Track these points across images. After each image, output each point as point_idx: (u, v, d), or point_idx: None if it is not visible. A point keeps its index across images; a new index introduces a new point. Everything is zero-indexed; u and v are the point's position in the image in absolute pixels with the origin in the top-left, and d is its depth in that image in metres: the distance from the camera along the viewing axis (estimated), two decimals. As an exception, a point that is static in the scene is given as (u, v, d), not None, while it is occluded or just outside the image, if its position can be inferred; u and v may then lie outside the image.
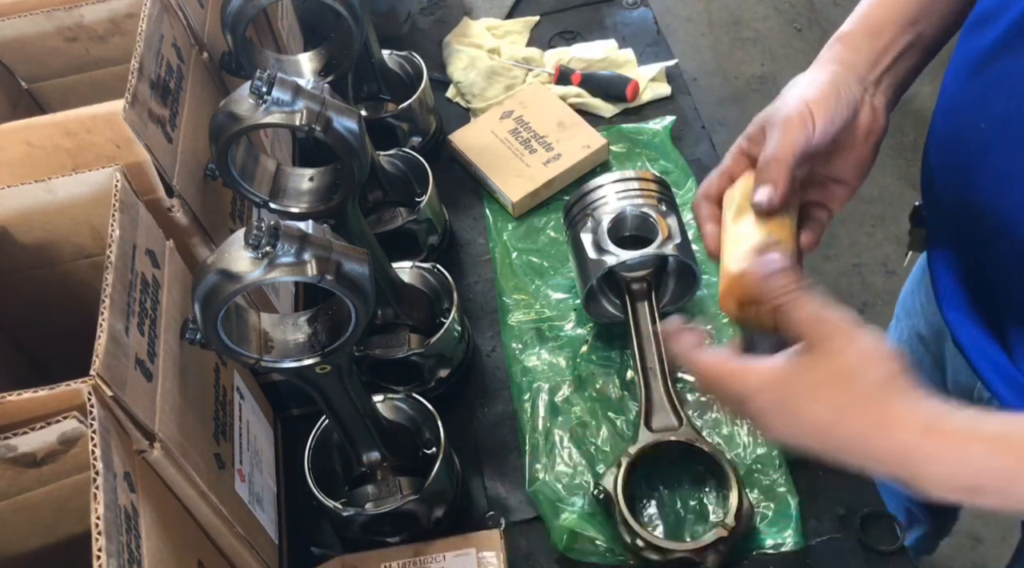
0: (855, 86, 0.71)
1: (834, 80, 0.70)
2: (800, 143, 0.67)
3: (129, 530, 0.53)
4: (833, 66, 0.72)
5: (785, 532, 0.83)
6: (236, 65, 0.91)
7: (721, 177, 0.73)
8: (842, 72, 0.71)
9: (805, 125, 0.67)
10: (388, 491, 0.83)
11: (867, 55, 0.73)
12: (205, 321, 0.63)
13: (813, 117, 0.68)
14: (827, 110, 0.68)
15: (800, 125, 0.67)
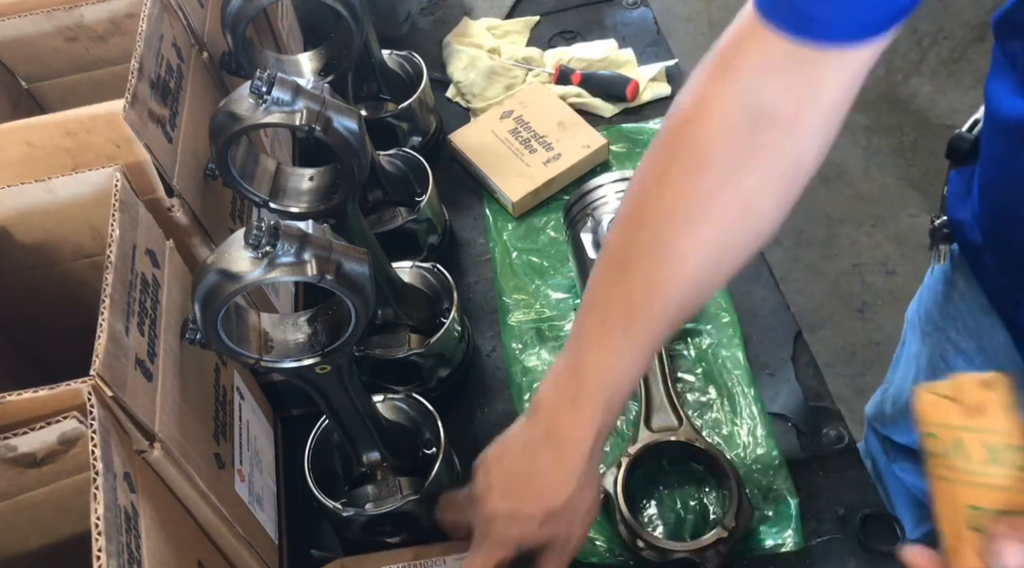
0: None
1: (588, 472, 0.71)
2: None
3: (129, 530, 0.53)
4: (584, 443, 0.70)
5: (785, 532, 0.83)
6: (236, 65, 0.91)
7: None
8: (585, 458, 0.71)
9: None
10: (388, 491, 0.83)
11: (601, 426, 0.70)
12: (205, 321, 0.63)
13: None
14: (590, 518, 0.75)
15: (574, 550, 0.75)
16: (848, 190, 2.43)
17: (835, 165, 2.48)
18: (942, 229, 0.91)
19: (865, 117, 2.58)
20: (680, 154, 0.62)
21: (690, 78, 0.63)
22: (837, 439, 0.89)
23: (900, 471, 1.14)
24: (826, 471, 0.87)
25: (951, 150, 0.89)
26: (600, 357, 0.67)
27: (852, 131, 2.56)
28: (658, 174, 0.64)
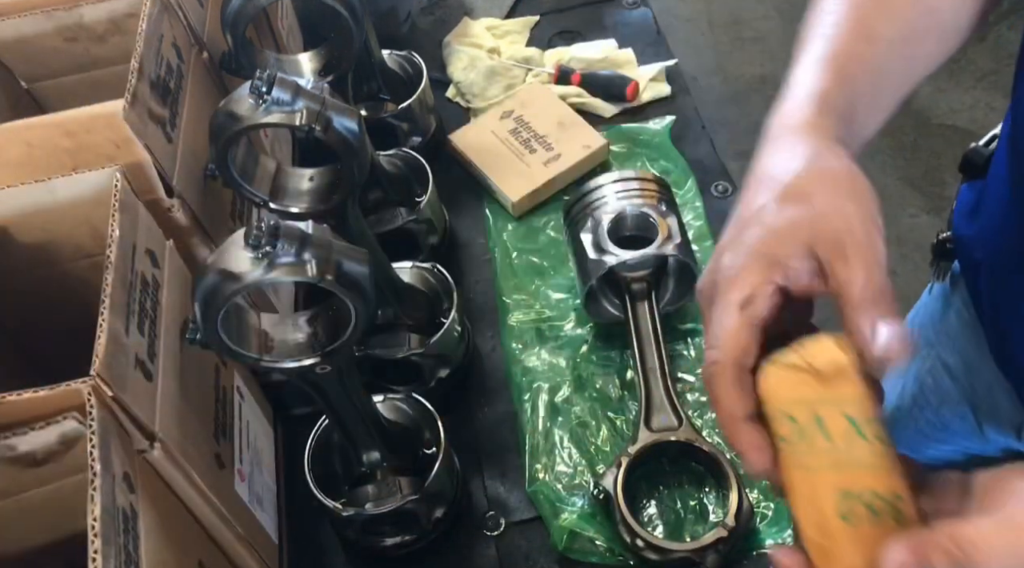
0: (841, 149, 0.55)
1: (854, 168, 0.52)
2: (883, 270, 0.48)
3: (127, 531, 0.54)
4: (832, 143, 0.54)
5: (785, 532, 0.83)
6: (236, 65, 0.91)
7: (751, 331, 0.49)
8: (845, 151, 0.54)
9: (879, 242, 0.49)
10: (388, 491, 0.83)
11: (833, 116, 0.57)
12: (205, 321, 0.63)
13: (879, 226, 0.50)
14: (877, 209, 0.51)
15: (878, 242, 0.49)
16: (848, 190, 2.42)
17: (835, 165, 2.48)
18: (945, 244, 0.85)
19: (865, 117, 2.58)
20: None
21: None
22: (837, 439, 0.89)
23: None
24: (826, 471, 0.87)
25: (965, 164, 0.83)
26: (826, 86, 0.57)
27: (852, 131, 2.56)
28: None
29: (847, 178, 0.51)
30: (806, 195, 0.50)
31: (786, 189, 0.51)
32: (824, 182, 0.51)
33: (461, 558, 0.87)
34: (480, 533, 0.88)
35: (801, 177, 0.51)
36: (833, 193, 0.50)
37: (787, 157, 0.53)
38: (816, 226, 0.49)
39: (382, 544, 0.85)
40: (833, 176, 0.51)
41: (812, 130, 0.54)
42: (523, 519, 0.88)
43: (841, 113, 0.56)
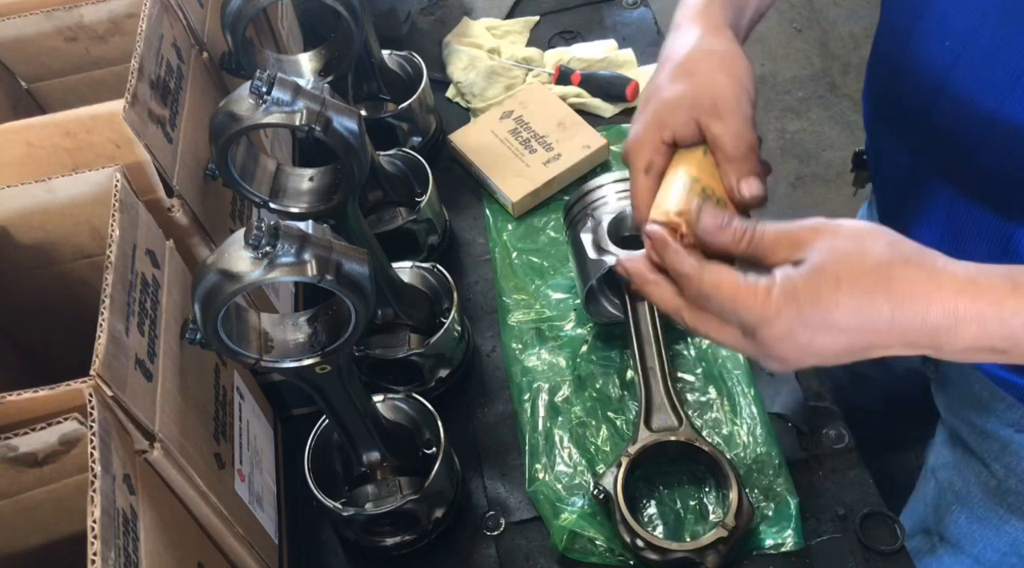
0: (730, 34, 0.70)
1: (732, 46, 0.68)
2: (751, 127, 0.65)
3: (127, 533, 0.53)
4: (717, 28, 0.69)
5: (785, 532, 0.83)
6: (236, 65, 0.91)
7: (655, 184, 0.66)
8: (728, 33, 0.69)
9: (747, 105, 0.65)
10: (388, 491, 0.83)
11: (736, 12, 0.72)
12: (205, 321, 0.63)
13: (748, 93, 0.65)
14: (748, 79, 0.66)
15: (746, 106, 0.65)
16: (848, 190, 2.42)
17: (835, 165, 2.48)
18: (861, 156, 0.91)
19: (865, 117, 2.59)
20: None
21: None
22: (837, 439, 0.89)
23: None
24: (826, 471, 0.87)
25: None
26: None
27: (852, 131, 2.56)
28: None
29: (726, 56, 0.66)
30: (690, 72, 0.65)
31: (676, 68, 0.65)
32: (706, 60, 0.65)
33: (461, 558, 0.87)
34: (480, 533, 0.88)
35: (688, 57, 0.66)
36: (712, 69, 0.65)
37: (681, 42, 0.67)
38: (696, 95, 0.64)
39: (382, 544, 0.85)
40: (714, 55, 0.66)
41: (703, 17, 0.68)
42: (523, 519, 0.88)
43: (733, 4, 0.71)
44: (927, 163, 0.76)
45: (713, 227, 0.58)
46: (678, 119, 0.64)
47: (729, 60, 0.66)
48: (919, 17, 0.70)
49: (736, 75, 0.65)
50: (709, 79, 0.64)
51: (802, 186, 2.44)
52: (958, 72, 0.67)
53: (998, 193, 0.69)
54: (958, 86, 0.67)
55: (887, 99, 0.81)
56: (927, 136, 0.74)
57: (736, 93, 0.64)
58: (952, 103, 0.68)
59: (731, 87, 0.64)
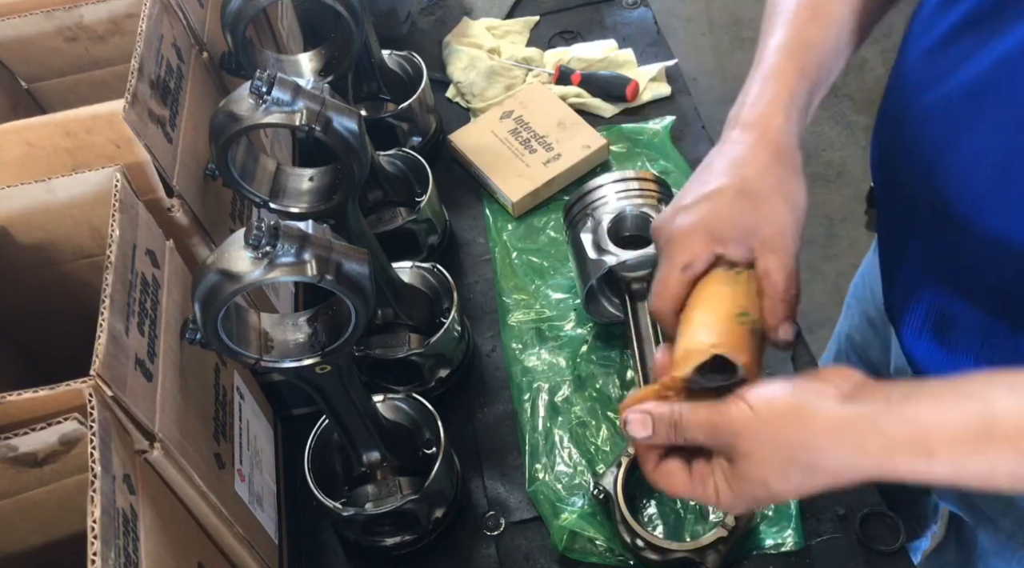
0: (797, 161, 0.67)
1: (797, 178, 0.66)
2: (797, 264, 0.65)
3: (127, 533, 0.54)
4: (789, 151, 0.67)
5: (785, 532, 0.83)
6: (236, 65, 0.91)
7: (687, 286, 0.64)
8: (798, 159, 0.67)
9: (799, 242, 0.64)
10: (388, 491, 0.83)
11: (797, 121, 0.68)
12: (205, 321, 0.63)
13: (801, 230, 0.65)
14: (804, 215, 0.66)
15: (798, 243, 0.64)
16: (848, 190, 2.43)
17: (835, 165, 2.48)
18: (872, 192, 0.91)
19: (865, 117, 2.58)
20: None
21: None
22: (837, 439, 0.89)
23: None
24: (826, 471, 0.87)
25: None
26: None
27: (852, 131, 2.56)
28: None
29: (792, 188, 0.65)
30: (756, 197, 0.63)
31: (745, 185, 0.64)
32: (773, 189, 0.64)
33: (461, 558, 0.87)
34: (480, 533, 0.88)
35: (760, 179, 0.64)
36: (778, 201, 0.64)
37: (757, 154, 0.65)
38: (758, 223, 0.63)
39: (382, 544, 0.85)
40: (782, 186, 0.65)
41: (783, 135, 0.67)
42: (523, 519, 0.88)
43: (802, 106, 0.69)
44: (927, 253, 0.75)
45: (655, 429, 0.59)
46: (734, 237, 0.62)
47: (794, 194, 0.65)
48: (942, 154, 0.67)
49: (796, 211, 0.65)
50: (773, 209, 0.63)
51: (802, 186, 2.45)
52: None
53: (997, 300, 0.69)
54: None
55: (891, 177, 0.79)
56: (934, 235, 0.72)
57: (794, 231, 0.64)
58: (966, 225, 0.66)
59: (791, 223, 0.64)
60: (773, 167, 0.65)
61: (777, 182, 0.64)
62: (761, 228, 0.63)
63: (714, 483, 0.57)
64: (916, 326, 0.77)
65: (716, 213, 0.63)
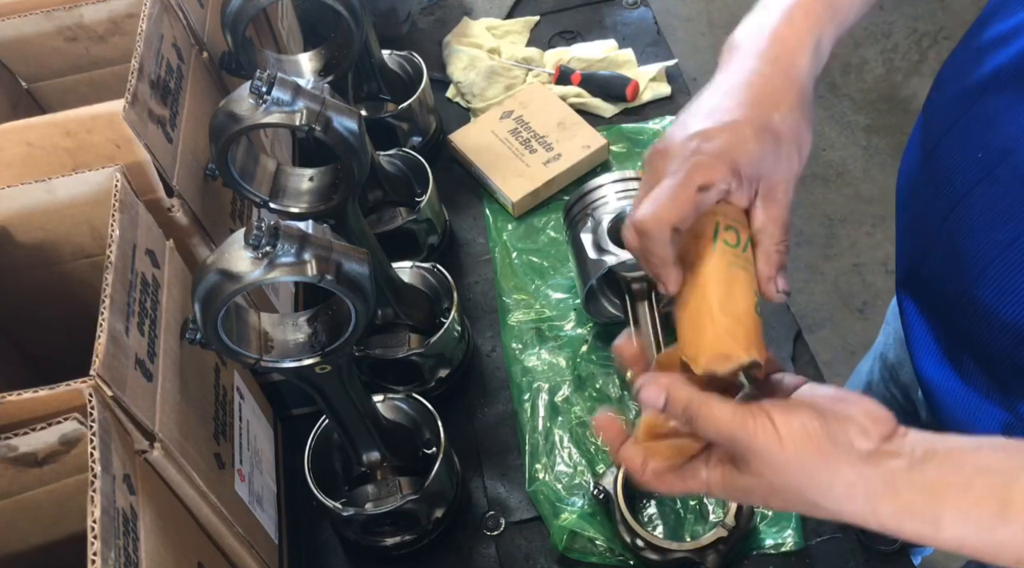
0: (812, 107, 0.62)
1: (807, 124, 0.60)
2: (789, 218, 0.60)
3: (127, 533, 0.53)
4: (805, 92, 0.62)
5: (785, 532, 0.83)
6: (236, 65, 0.91)
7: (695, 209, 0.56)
8: (810, 98, 0.62)
9: (792, 194, 0.60)
10: (388, 491, 0.83)
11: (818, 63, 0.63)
12: (205, 321, 0.63)
13: (798, 179, 0.60)
14: (805, 162, 0.60)
15: (791, 196, 0.59)
16: (848, 190, 2.43)
17: (835, 165, 2.48)
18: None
19: (865, 117, 2.59)
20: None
21: None
22: (837, 439, 0.89)
23: None
24: (826, 471, 0.87)
25: None
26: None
27: (852, 131, 2.56)
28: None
29: (806, 142, 0.60)
30: (780, 140, 0.58)
31: (770, 124, 0.58)
32: (795, 137, 0.59)
33: (461, 558, 0.87)
34: (480, 533, 0.88)
35: (783, 123, 0.59)
36: (794, 149, 0.59)
37: (782, 94, 0.60)
38: (772, 169, 0.58)
39: (382, 544, 0.85)
40: (801, 135, 0.60)
41: (806, 78, 0.62)
42: (523, 519, 0.88)
43: (827, 48, 0.64)
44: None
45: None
46: (749, 175, 0.57)
47: (806, 144, 0.60)
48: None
49: (803, 161, 0.60)
50: (788, 156, 0.59)
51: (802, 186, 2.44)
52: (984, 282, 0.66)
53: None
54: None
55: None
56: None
57: (795, 182, 0.60)
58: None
59: (796, 173, 0.60)
60: (796, 111, 0.60)
61: (797, 128, 0.59)
62: (772, 173, 0.58)
63: (706, 476, 0.56)
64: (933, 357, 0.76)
65: (740, 145, 0.57)
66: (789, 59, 0.62)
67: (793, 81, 0.61)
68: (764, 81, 0.60)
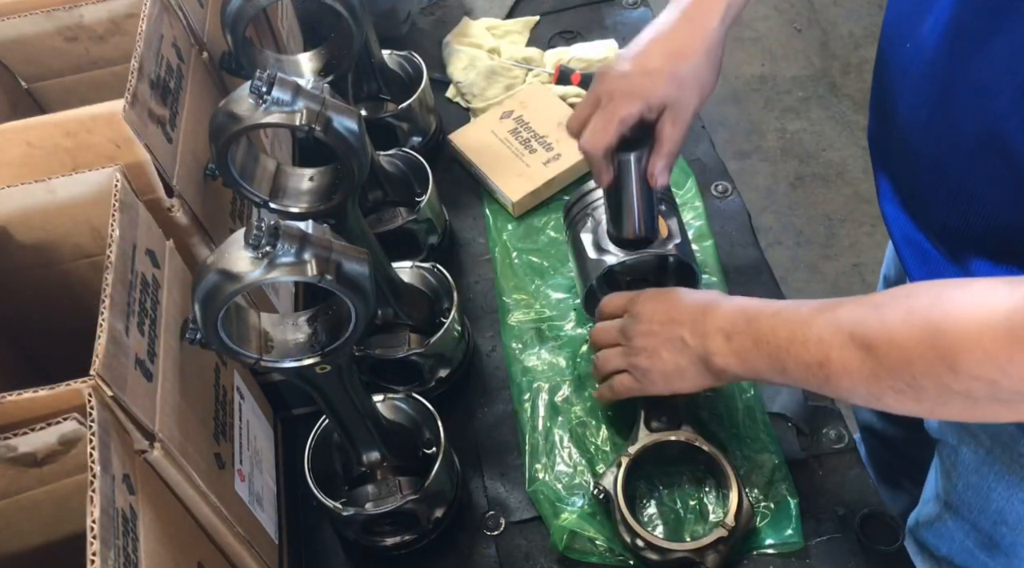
0: (720, 55, 0.85)
1: (712, 60, 0.83)
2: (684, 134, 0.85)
3: (126, 533, 0.53)
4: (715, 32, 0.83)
5: (785, 532, 0.83)
6: (236, 65, 0.91)
7: (617, 136, 0.83)
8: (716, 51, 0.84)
9: (692, 118, 0.84)
10: (388, 491, 0.83)
11: (730, 17, 0.84)
12: (205, 321, 0.63)
13: (699, 107, 0.84)
14: (707, 96, 0.84)
15: (690, 119, 0.84)
16: (848, 190, 2.43)
17: (835, 165, 2.48)
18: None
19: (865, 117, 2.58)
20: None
21: None
22: (837, 439, 0.89)
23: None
24: (826, 471, 0.87)
25: None
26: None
27: (852, 131, 2.56)
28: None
29: (708, 84, 0.84)
30: (683, 85, 0.82)
31: (677, 72, 0.82)
32: (697, 81, 0.83)
33: (461, 558, 0.87)
34: (480, 533, 0.88)
35: (689, 73, 0.82)
36: (695, 90, 0.83)
37: (692, 47, 0.83)
38: (676, 102, 0.82)
39: (382, 544, 0.85)
40: (704, 78, 0.83)
41: (715, 34, 0.83)
42: (523, 519, 0.88)
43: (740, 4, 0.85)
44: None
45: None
46: (656, 106, 0.82)
47: (708, 86, 0.84)
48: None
49: (704, 96, 0.84)
50: (689, 95, 0.82)
51: (802, 186, 2.45)
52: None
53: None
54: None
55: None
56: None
57: (696, 108, 0.84)
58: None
59: (697, 105, 0.84)
60: (701, 60, 0.82)
61: (699, 74, 0.82)
62: (675, 104, 0.82)
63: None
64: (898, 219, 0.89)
65: (652, 88, 0.81)
66: (703, 18, 0.83)
67: (703, 36, 0.82)
68: (679, 35, 0.83)
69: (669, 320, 0.81)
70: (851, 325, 0.65)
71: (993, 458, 0.87)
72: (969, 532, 0.97)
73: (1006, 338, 0.54)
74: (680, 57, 0.81)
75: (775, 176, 2.48)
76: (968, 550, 0.99)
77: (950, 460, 0.95)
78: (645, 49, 0.83)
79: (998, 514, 0.91)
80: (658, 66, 0.81)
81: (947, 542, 1.01)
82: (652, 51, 0.82)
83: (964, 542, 0.99)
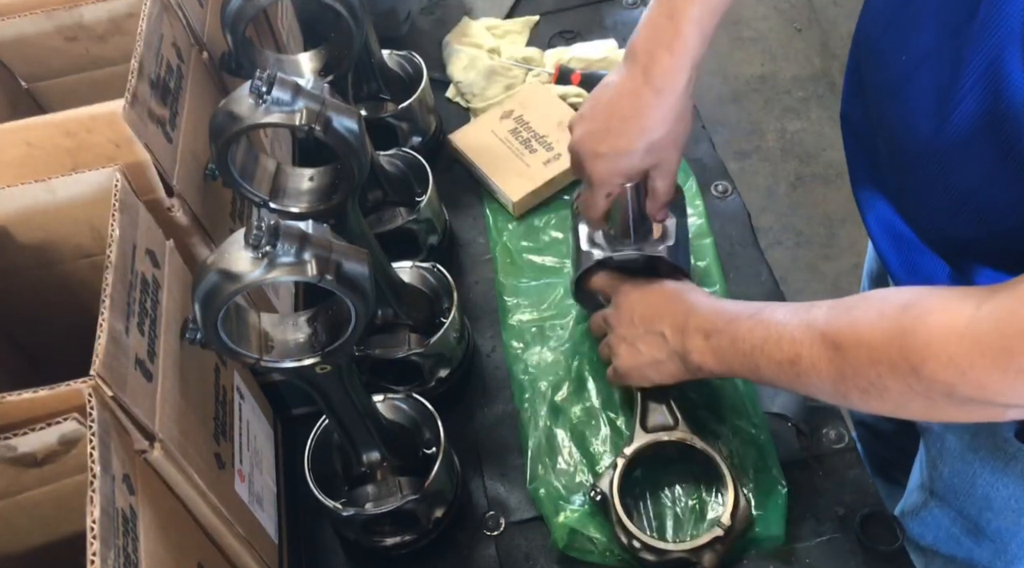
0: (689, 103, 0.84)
1: (686, 110, 0.83)
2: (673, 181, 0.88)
3: (126, 533, 0.54)
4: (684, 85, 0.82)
5: (781, 531, 0.83)
6: (236, 65, 0.91)
7: (607, 207, 0.89)
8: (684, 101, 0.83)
9: (677, 168, 0.87)
10: (388, 491, 0.83)
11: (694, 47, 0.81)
12: (205, 321, 0.63)
13: (681, 157, 0.87)
14: (684, 144, 0.86)
15: (676, 170, 0.87)
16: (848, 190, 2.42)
17: (835, 165, 2.48)
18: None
19: (865, 117, 2.59)
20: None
21: None
22: (837, 439, 0.89)
23: None
24: (826, 471, 0.87)
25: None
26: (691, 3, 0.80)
27: (852, 131, 2.56)
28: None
29: (683, 136, 0.85)
30: (661, 150, 0.84)
31: (652, 145, 0.83)
32: (674, 142, 0.84)
33: (461, 558, 0.87)
34: (480, 533, 0.88)
35: (663, 139, 0.83)
36: (673, 150, 0.85)
37: (660, 109, 0.82)
38: (657, 165, 0.85)
39: (382, 544, 0.85)
40: (678, 133, 0.84)
41: (678, 81, 0.81)
42: (523, 519, 0.88)
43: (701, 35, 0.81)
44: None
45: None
46: (639, 174, 0.86)
47: (683, 137, 0.85)
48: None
49: (681, 147, 0.86)
50: (668, 157, 0.85)
51: (802, 186, 2.45)
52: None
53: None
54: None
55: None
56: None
57: (678, 159, 0.86)
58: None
59: (677, 158, 0.86)
60: (674, 126, 0.83)
61: (677, 136, 0.84)
62: (659, 166, 0.85)
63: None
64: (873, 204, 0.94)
65: (632, 165, 0.84)
66: (670, 85, 0.81)
67: (672, 103, 0.82)
68: (649, 110, 0.82)
69: (650, 315, 0.84)
70: (823, 325, 0.67)
71: (978, 444, 0.88)
72: (955, 519, 0.98)
73: (969, 344, 0.56)
74: (653, 131, 0.82)
75: (775, 176, 2.48)
76: (954, 537, 1.00)
77: (936, 447, 0.96)
78: (617, 127, 0.83)
79: (984, 500, 0.92)
80: (633, 146, 0.83)
81: (932, 530, 1.03)
82: (624, 130, 0.83)
83: (950, 529, 1.00)
